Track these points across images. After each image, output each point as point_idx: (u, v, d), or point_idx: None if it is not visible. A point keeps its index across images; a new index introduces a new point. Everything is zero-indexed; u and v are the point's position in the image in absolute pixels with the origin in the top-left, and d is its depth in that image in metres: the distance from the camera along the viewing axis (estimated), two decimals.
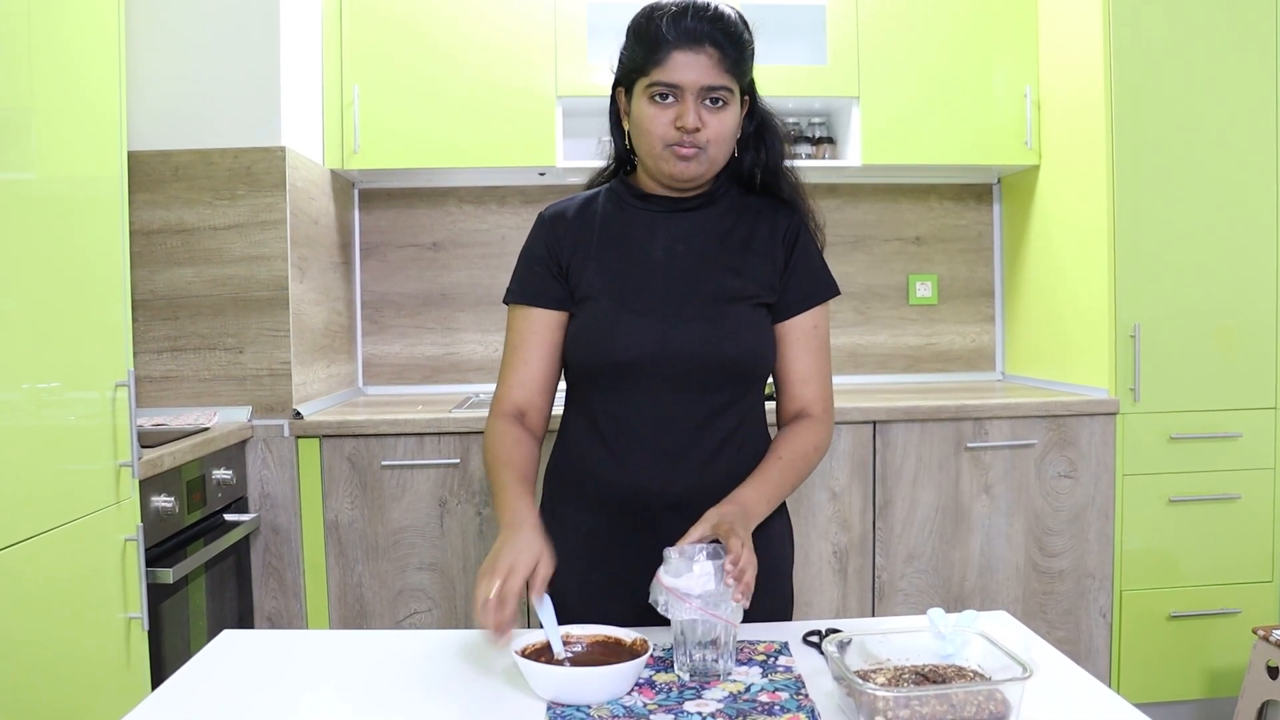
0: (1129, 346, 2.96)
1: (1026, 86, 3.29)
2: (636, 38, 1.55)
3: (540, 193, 3.55)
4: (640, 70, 1.53)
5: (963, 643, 1.19)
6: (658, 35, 1.51)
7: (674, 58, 1.50)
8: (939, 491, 2.93)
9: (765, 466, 1.56)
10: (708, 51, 1.50)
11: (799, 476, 1.59)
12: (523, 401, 1.62)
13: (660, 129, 1.52)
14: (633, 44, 1.56)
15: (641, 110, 1.54)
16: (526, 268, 1.65)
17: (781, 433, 1.63)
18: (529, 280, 1.64)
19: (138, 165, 2.66)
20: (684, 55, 1.50)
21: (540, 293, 1.62)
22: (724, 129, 1.54)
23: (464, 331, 3.58)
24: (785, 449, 1.59)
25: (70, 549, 1.82)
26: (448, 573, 2.84)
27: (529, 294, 1.63)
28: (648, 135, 1.54)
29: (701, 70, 1.50)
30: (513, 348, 1.64)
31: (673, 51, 1.50)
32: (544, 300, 1.62)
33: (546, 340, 1.62)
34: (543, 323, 1.62)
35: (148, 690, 2.02)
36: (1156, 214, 2.96)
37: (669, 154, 1.54)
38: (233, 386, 2.79)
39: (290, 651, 1.43)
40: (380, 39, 3.15)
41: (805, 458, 1.59)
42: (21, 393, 1.71)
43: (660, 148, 1.54)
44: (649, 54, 1.52)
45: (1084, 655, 2.98)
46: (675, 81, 1.50)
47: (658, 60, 1.51)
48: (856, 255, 3.63)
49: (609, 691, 1.20)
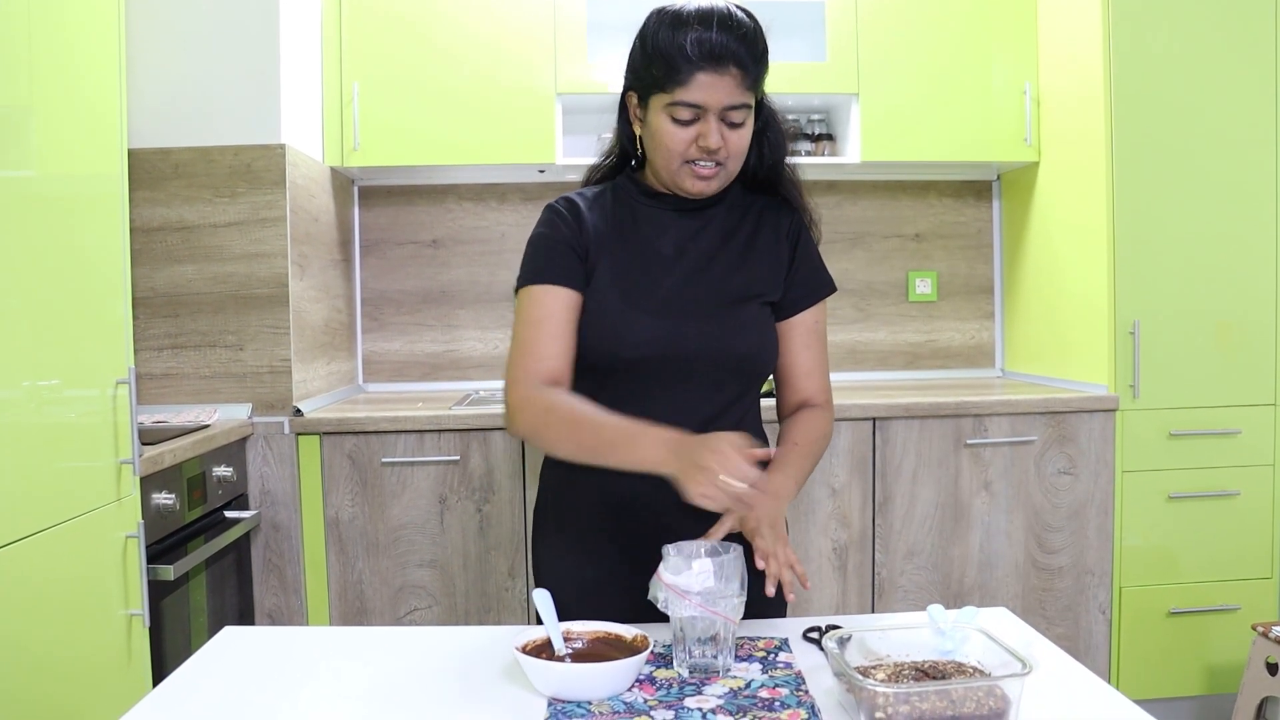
0: (1128, 343, 2.96)
1: (1026, 83, 3.28)
2: (657, 52, 1.50)
3: (540, 190, 3.55)
4: (659, 86, 1.49)
5: (962, 639, 1.19)
6: (680, 54, 1.47)
7: (697, 79, 1.47)
8: (938, 488, 2.94)
9: (785, 453, 1.59)
10: (731, 73, 1.47)
11: (814, 462, 1.62)
12: (556, 372, 1.53)
13: (680, 147, 1.51)
14: (651, 56, 1.51)
15: (661, 126, 1.51)
16: (549, 249, 1.58)
17: (791, 421, 1.65)
18: (555, 260, 1.57)
19: (138, 163, 2.66)
20: (708, 76, 1.47)
21: (569, 271, 1.56)
22: (742, 144, 1.54)
23: (464, 328, 3.58)
24: (799, 435, 1.61)
25: (71, 546, 1.82)
26: (448, 569, 2.84)
27: (555, 274, 1.56)
28: (666, 151, 1.52)
29: (725, 91, 1.47)
30: (536, 322, 1.54)
31: (696, 73, 1.46)
32: (572, 281, 1.56)
33: (572, 320, 1.56)
34: (569, 301, 1.56)
35: (149, 687, 2.02)
36: (1156, 210, 2.96)
37: (687, 170, 1.53)
38: (233, 384, 2.79)
39: (291, 648, 1.44)
40: (380, 36, 3.15)
41: (817, 444, 1.63)
42: (22, 390, 1.71)
43: (678, 164, 1.53)
44: (670, 72, 1.48)
45: (1083, 652, 2.98)
46: (698, 102, 1.48)
47: (680, 80, 1.47)
48: (856, 252, 3.63)
49: (609, 688, 1.21)
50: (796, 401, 1.67)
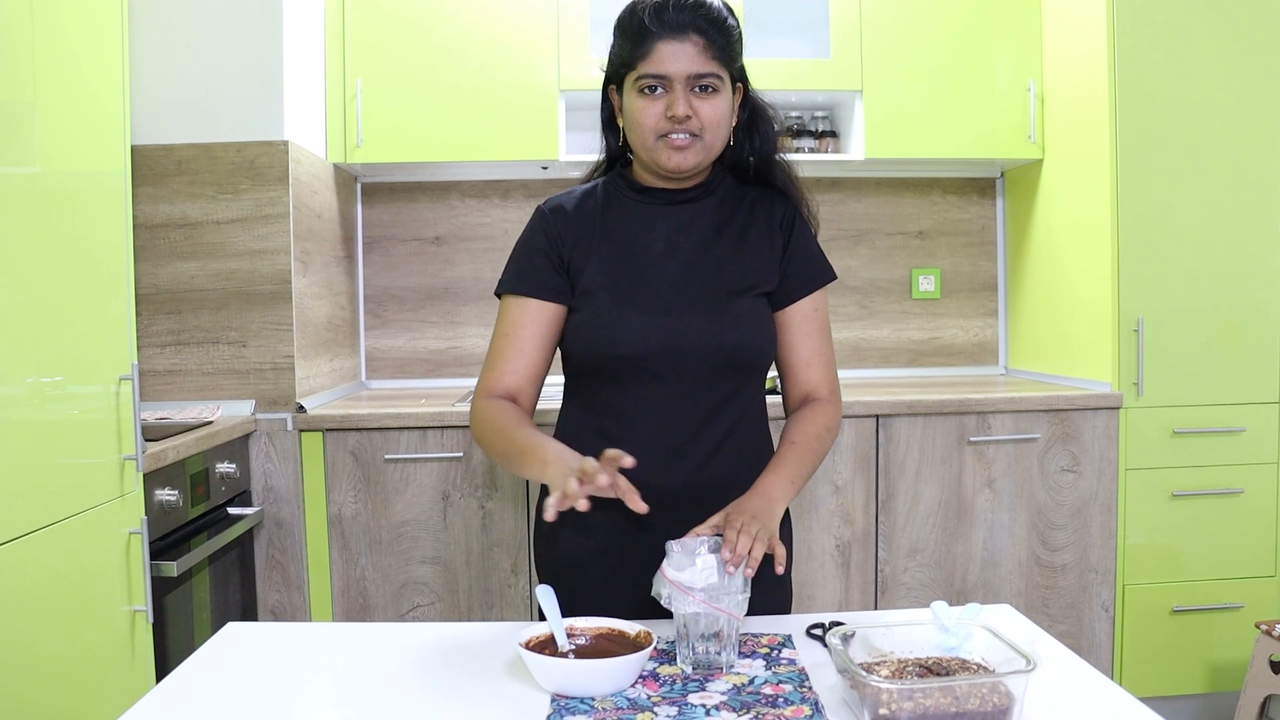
0: (1132, 341, 2.95)
1: (1030, 80, 3.28)
2: (622, 33, 1.56)
3: (543, 186, 3.55)
4: (628, 64, 1.54)
5: (966, 635, 1.19)
6: (641, 28, 1.52)
7: (659, 48, 1.50)
8: (942, 485, 2.93)
9: (781, 453, 1.58)
10: (693, 39, 1.50)
11: (816, 458, 1.60)
12: (514, 388, 1.60)
13: (651, 120, 1.53)
14: (619, 40, 1.57)
15: (632, 103, 1.55)
16: (525, 259, 1.63)
17: (792, 418, 1.64)
18: (528, 271, 1.62)
19: (141, 159, 2.67)
20: (669, 45, 1.50)
21: (540, 284, 1.61)
22: (716, 114, 1.54)
23: (467, 325, 3.58)
24: (797, 433, 1.60)
25: (75, 543, 1.82)
26: (451, 566, 2.84)
27: (528, 285, 1.61)
28: (639, 127, 1.54)
29: (688, 59, 1.50)
30: (505, 335, 1.61)
31: (657, 42, 1.51)
32: (544, 292, 1.61)
33: (542, 332, 1.61)
34: (540, 314, 1.61)
35: (152, 683, 2.02)
36: (1160, 208, 2.95)
37: (662, 145, 1.54)
38: (236, 380, 2.79)
39: (294, 645, 1.44)
40: (383, 33, 3.15)
41: (818, 439, 1.60)
42: (25, 387, 1.71)
43: (653, 139, 1.54)
44: (634, 47, 1.53)
45: (1086, 649, 2.98)
46: (662, 72, 1.51)
47: (643, 53, 1.51)
48: (859, 249, 3.63)
49: (613, 684, 1.21)
50: (800, 395, 1.67)
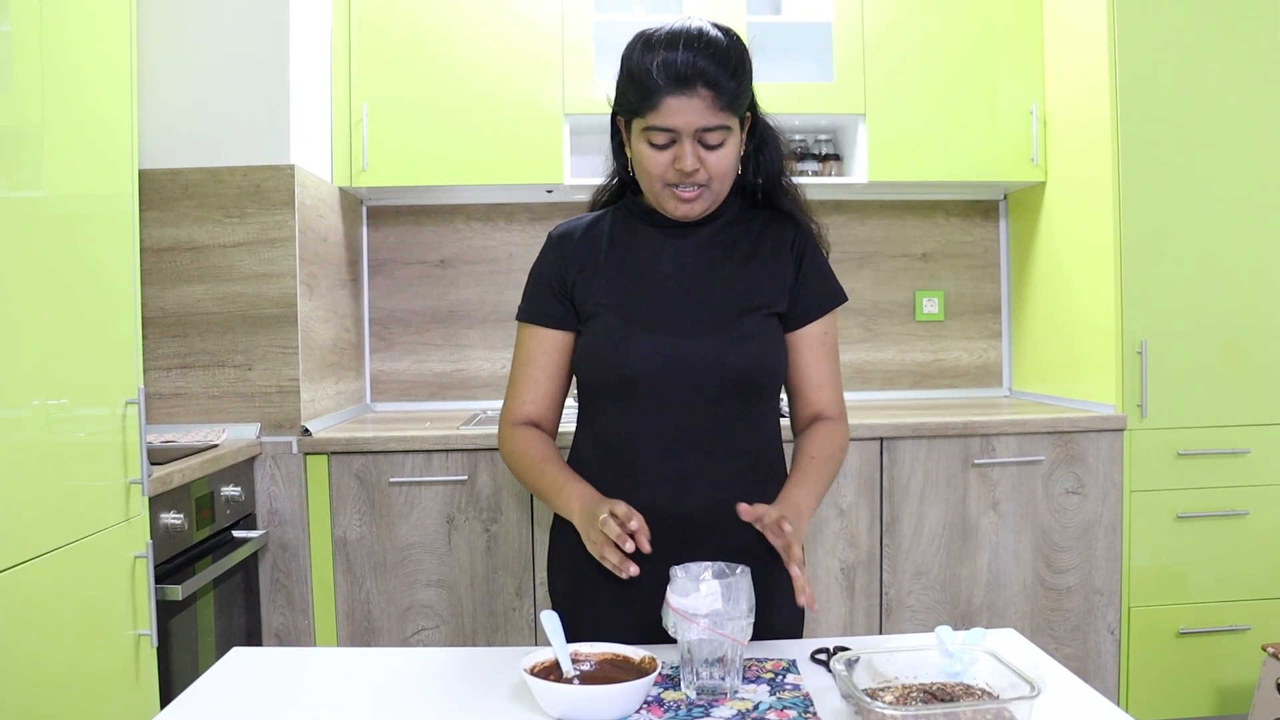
0: (1136, 362, 2.96)
1: (1032, 103, 3.29)
2: (630, 76, 1.51)
3: (548, 210, 3.56)
4: (635, 111, 1.51)
5: (970, 661, 1.19)
6: (648, 79, 1.47)
7: (666, 103, 1.47)
8: (946, 508, 2.93)
9: (803, 466, 1.59)
10: (700, 94, 1.46)
11: (833, 475, 1.62)
12: (534, 415, 1.68)
13: (659, 170, 1.52)
14: (626, 81, 1.52)
15: (640, 151, 1.53)
16: (534, 287, 1.68)
17: (807, 434, 1.65)
18: (536, 300, 1.67)
19: (148, 183, 2.68)
20: (676, 100, 1.46)
21: (545, 312, 1.66)
22: (723, 165, 1.53)
23: (472, 348, 3.59)
24: (816, 448, 1.61)
25: (80, 566, 1.82)
26: (455, 589, 2.84)
27: (534, 313, 1.67)
28: (647, 175, 1.54)
29: (695, 113, 1.47)
30: (522, 364, 1.69)
31: (665, 97, 1.46)
32: (548, 320, 1.66)
33: (553, 360, 1.67)
34: (549, 342, 1.66)
35: (157, 707, 2.02)
36: (1163, 229, 2.96)
37: (669, 194, 1.55)
38: (241, 403, 2.79)
39: (299, 669, 1.44)
40: (389, 57, 3.17)
41: (834, 457, 1.63)
42: (31, 409, 1.72)
43: (660, 187, 1.55)
44: (641, 98, 1.48)
45: (1092, 672, 2.96)
46: (670, 126, 1.48)
47: (651, 105, 1.47)
48: (863, 272, 3.63)
49: (617, 709, 1.21)
50: (809, 414, 1.68)
